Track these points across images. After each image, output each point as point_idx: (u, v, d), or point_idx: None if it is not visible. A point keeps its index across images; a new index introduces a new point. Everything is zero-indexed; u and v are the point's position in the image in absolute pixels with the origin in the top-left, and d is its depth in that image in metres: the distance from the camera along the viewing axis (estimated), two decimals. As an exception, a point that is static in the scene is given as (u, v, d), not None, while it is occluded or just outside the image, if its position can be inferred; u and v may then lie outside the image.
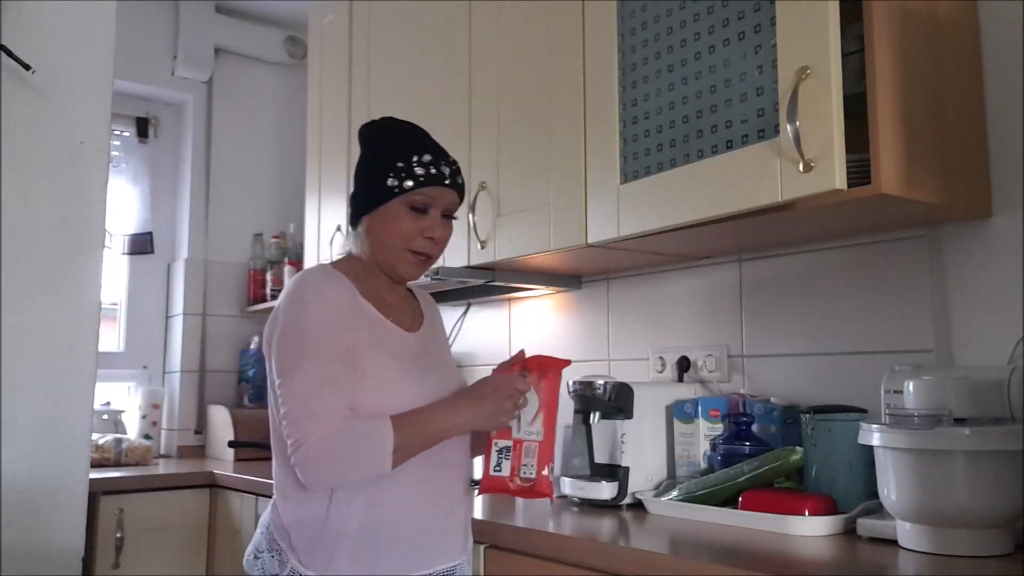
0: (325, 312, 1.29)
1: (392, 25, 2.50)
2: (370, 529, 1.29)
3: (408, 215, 1.35)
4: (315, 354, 1.27)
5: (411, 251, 1.37)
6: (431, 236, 1.37)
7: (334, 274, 1.35)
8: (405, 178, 1.34)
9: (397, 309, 1.42)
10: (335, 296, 1.31)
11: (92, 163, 1.93)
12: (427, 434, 1.29)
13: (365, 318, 1.33)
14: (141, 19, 3.20)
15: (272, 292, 3.23)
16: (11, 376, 1.80)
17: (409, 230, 1.36)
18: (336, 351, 1.27)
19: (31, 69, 1.83)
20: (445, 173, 1.37)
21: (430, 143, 1.40)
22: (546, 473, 1.34)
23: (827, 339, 1.78)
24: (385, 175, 1.35)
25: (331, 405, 1.25)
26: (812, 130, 1.31)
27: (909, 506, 1.27)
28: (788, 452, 1.58)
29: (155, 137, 3.37)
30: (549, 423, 1.36)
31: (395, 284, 1.44)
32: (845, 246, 1.76)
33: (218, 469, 2.66)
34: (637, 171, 1.66)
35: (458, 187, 1.40)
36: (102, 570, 2.39)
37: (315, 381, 1.26)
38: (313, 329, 1.28)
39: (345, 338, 1.29)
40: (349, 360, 1.28)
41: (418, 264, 1.39)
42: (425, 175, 1.35)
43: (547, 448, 1.35)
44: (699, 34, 1.54)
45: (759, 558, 1.29)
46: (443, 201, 1.38)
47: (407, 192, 1.34)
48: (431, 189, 1.35)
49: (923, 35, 1.46)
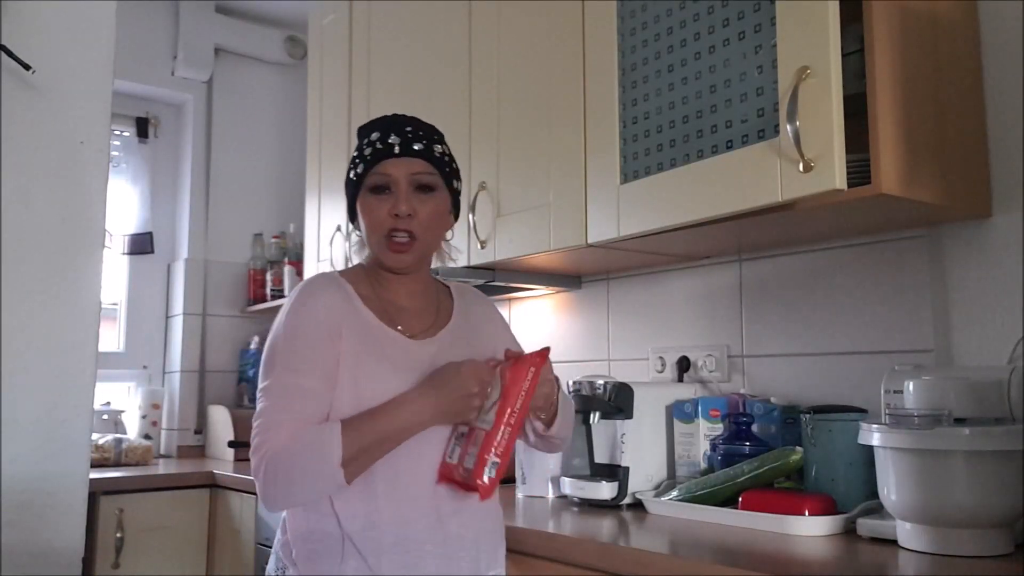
0: (308, 322, 1.24)
1: (392, 25, 2.50)
2: (371, 539, 1.21)
3: (372, 201, 1.28)
4: (287, 365, 1.22)
5: (388, 237, 1.28)
6: (396, 213, 1.26)
7: (334, 281, 1.30)
8: (358, 164, 1.29)
9: (412, 314, 1.34)
10: (324, 305, 1.25)
11: (92, 163, 1.93)
12: (383, 434, 1.18)
13: (359, 326, 1.27)
14: (141, 19, 3.20)
15: (272, 292, 3.23)
16: (11, 376, 1.80)
17: (377, 215, 1.28)
18: (313, 362, 1.21)
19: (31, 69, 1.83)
20: (393, 144, 1.27)
21: (387, 122, 1.31)
22: (488, 468, 1.21)
23: (827, 339, 1.78)
24: (349, 169, 1.32)
25: (292, 417, 1.18)
26: (812, 130, 1.31)
27: (909, 506, 1.27)
28: (788, 452, 1.58)
29: (155, 137, 3.37)
30: (502, 412, 1.24)
31: (417, 285, 1.36)
32: (845, 246, 1.76)
33: (218, 469, 2.66)
34: (637, 171, 1.66)
35: (416, 153, 1.28)
36: (102, 570, 2.39)
37: (280, 393, 1.20)
38: (290, 340, 1.24)
39: (328, 349, 1.23)
40: (331, 372, 1.22)
41: (399, 248, 1.29)
42: (372, 152, 1.27)
43: (492, 439, 1.22)
44: (699, 34, 1.54)
45: (759, 558, 1.28)
46: (403, 173, 1.27)
47: (363, 177, 1.28)
48: (382, 165, 1.27)
49: (923, 35, 1.46)
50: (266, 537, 2.36)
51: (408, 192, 1.28)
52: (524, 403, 1.26)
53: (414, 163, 1.28)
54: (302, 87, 3.09)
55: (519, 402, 1.25)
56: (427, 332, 1.33)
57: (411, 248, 1.29)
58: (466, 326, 1.38)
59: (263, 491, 1.18)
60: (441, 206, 1.32)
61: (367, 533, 1.21)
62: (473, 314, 1.41)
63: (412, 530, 1.22)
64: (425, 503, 1.24)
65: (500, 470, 1.22)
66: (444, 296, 1.42)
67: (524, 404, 1.26)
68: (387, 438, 1.19)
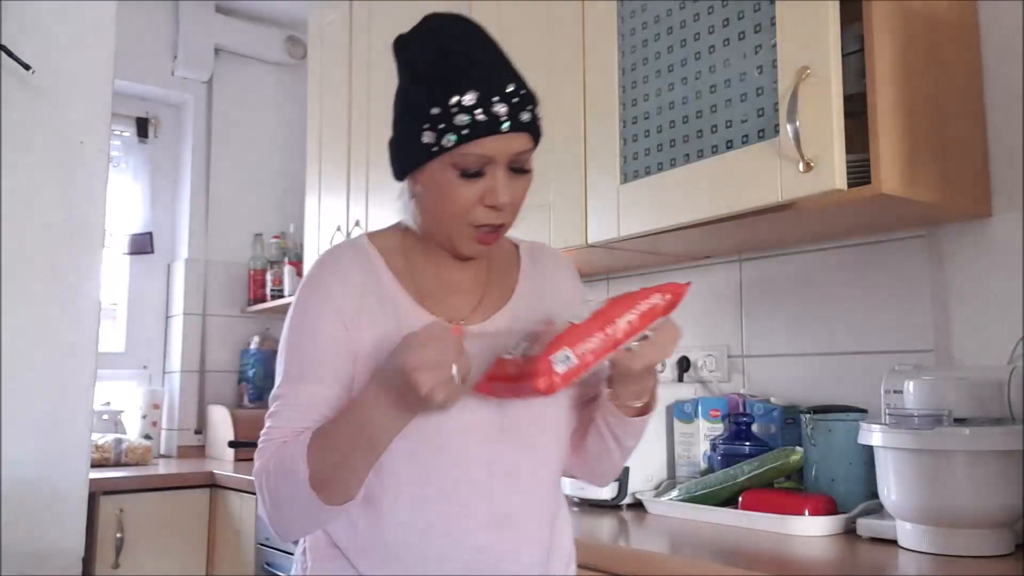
0: (316, 311, 1.02)
1: (392, 25, 2.49)
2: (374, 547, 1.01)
3: (457, 182, 0.98)
4: (290, 367, 1.02)
5: (471, 225, 1.01)
6: (495, 205, 0.99)
7: (359, 252, 1.06)
8: (444, 131, 0.96)
9: (460, 290, 1.08)
10: (339, 286, 1.02)
11: (92, 163, 1.93)
12: (349, 442, 0.93)
13: (387, 312, 1.03)
14: (141, 19, 3.20)
15: (272, 292, 3.22)
16: (11, 376, 1.80)
17: (463, 200, 0.99)
18: (319, 363, 1.01)
19: (31, 69, 1.83)
20: (500, 114, 0.96)
21: (479, 70, 0.99)
22: (558, 357, 0.90)
23: (827, 339, 1.78)
24: (419, 128, 0.98)
25: (287, 434, 0.98)
26: (812, 130, 1.31)
27: (909, 506, 1.27)
28: (788, 452, 1.58)
29: (155, 137, 3.37)
30: (598, 317, 0.92)
31: (472, 260, 1.09)
32: (845, 246, 1.76)
33: (218, 469, 2.66)
34: (637, 171, 1.66)
35: (524, 125, 0.99)
36: (102, 570, 2.39)
37: (281, 403, 1.01)
38: (296, 334, 1.03)
39: (340, 344, 1.01)
40: (344, 372, 1.01)
41: (486, 240, 1.02)
42: (471, 124, 0.96)
43: (575, 333, 0.91)
44: (699, 34, 1.54)
45: (759, 558, 1.29)
46: (503, 154, 0.98)
47: (448, 151, 0.97)
48: (480, 143, 0.97)
49: (923, 35, 1.46)
50: (266, 537, 2.36)
51: (506, 176, 0.99)
52: (636, 322, 0.92)
53: (517, 140, 0.99)
54: (302, 87, 3.10)
55: (628, 316, 0.92)
56: (478, 315, 1.07)
57: (496, 236, 1.04)
58: (535, 303, 1.10)
59: (268, 522, 1.01)
60: (529, 182, 1.04)
61: (366, 543, 1.01)
62: (547, 288, 1.13)
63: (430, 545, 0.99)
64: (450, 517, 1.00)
65: (573, 373, 0.90)
66: (505, 261, 1.14)
67: (634, 324, 0.92)
68: (355, 447, 0.93)
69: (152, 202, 3.34)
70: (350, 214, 2.63)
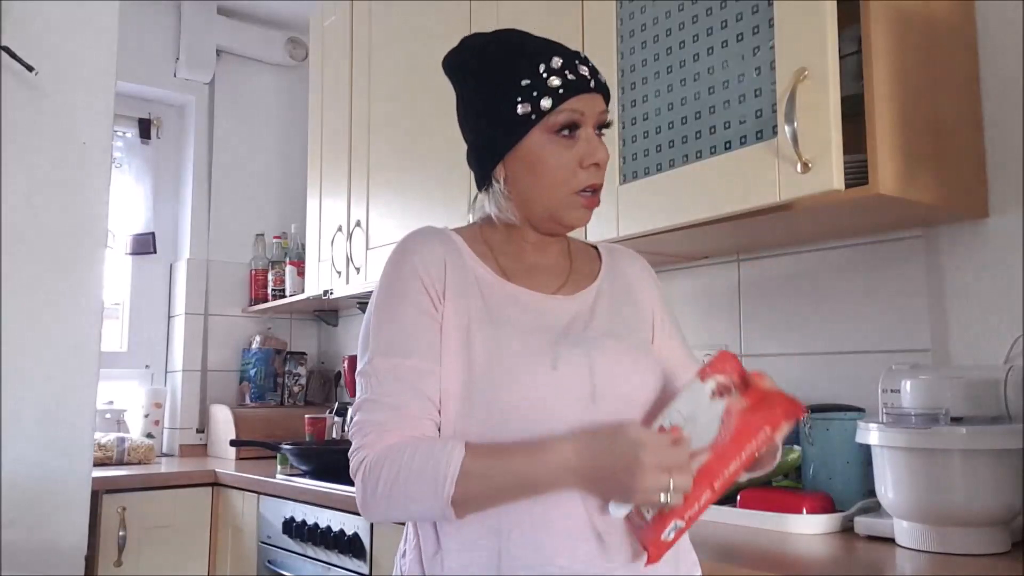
0: (400, 286, 1.03)
1: (392, 26, 2.51)
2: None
3: (556, 144, 1.03)
4: (380, 344, 1.01)
5: (576, 191, 1.04)
6: (596, 162, 1.03)
7: (439, 234, 1.08)
8: (539, 97, 1.01)
9: (543, 271, 1.10)
10: (421, 262, 1.03)
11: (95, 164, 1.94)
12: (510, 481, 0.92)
13: (469, 282, 1.04)
14: (143, 21, 3.21)
15: (273, 292, 3.24)
16: (14, 375, 1.81)
17: (564, 165, 1.03)
18: (410, 337, 1.00)
19: (34, 70, 1.84)
20: (585, 74, 1.04)
21: (551, 44, 1.07)
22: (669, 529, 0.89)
23: (825, 338, 1.79)
24: (513, 102, 1.02)
25: (395, 414, 0.98)
26: (810, 131, 1.32)
27: (906, 504, 1.28)
28: (786, 451, 1.59)
29: (157, 138, 3.38)
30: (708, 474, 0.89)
31: (553, 245, 1.12)
32: (843, 246, 1.77)
33: (220, 468, 2.67)
34: (636, 172, 1.67)
35: (603, 87, 1.06)
36: (105, 568, 2.40)
37: (378, 382, 0.99)
38: (382, 312, 1.03)
39: (427, 316, 1.01)
40: (434, 344, 1.00)
41: (588, 202, 1.05)
42: (564, 84, 1.01)
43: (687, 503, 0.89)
44: (698, 36, 1.54)
45: (757, 556, 1.29)
46: (593, 112, 1.04)
47: (547, 114, 1.01)
48: (575, 100, 1.02)
49: (921, 36, 1.47)
50: (268, 535, 2.37)
51: (594, 135, 1.05)
52: (740, 467, 0.90)
53: (599, 100, 1.06)
54: (303, 88, 3.10)
55: (734, 466, 0.90)
56: (560, 289, 1.09)
57: (597, 202, 1.07)
58: (618, 287, 1.13)
59: (361, 500, 0.99)
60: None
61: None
62: (625, 275, 1.16)
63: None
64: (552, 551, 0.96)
65: (681, 533, 0.91)
66: (586, 255, 1.18)
67: (739, 469, 0.90)
68: (514, 486, 0.92)
69: (154, 202, 3.35)
70: (351, 214, 2.64)
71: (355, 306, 3.10)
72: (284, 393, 3.32)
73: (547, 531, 0.95)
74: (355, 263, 2.59)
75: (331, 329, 3.51)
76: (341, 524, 2.06)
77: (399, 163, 2.44)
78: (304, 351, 3.42)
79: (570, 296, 1.08)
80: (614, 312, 1.10)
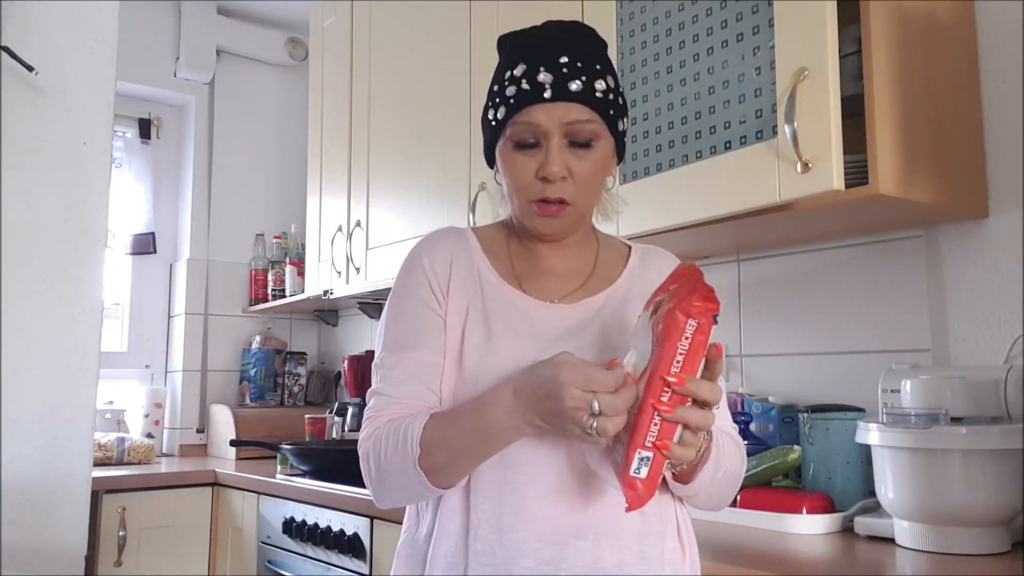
0: (410, 283, 1.06)
1: (392, 26, 2.51)
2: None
3: (516, 156, 1.01)
4: (388, 339, 1.06)
5: (532, 200, 1.02)
6: (546, 176, 0.99)
7: (455, 235, 1.10)
8: (498, 106, 1.01)
9: (556, 277, 1.08)
10: (430, 261, 1.06)
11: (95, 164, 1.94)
12: (463, 438, 0.94)
13: (473, 285, 1.05)
14: (143, 20, 3.21)
15: (273, 292, 3.24)
16: (14, 375, 1.81)
17: (520, 174, 1.01)
18: (416, 331, 1.03)
19: (33, 70, 1.84)
20: (544, 83, 0.98)
21: (537, 44, 1.02)
22: (636, 464, 0.86)
23: (825, 338, 1.79)
24: (485, 109, 1.05)
25: (393, 402, 1.01)
26: (810, 131, 1.32)
27: (906, 504, 1.28)
28: (786, 451, 1.59)
29: (157, 138, 3.38)
30: (649, 389, 0.86)
31: (570, 248, 1.10)
32: (843, 246, 1.77)
33: (220, 468, 2.67)
34: (636, 172, 1.67)
35: (572, 96, 0.98)
36: (105, 568, 2.40)
37: (385, 374, 1.04)
38: (393, 307, 1.08)
39: (431, 312, 1.04)
40: (439, 339, 1.03)
41: (548, 212, 1.01)
42: (516, 95, 0.99)
43: (638, 427, 0.86)
44: (698, 36, 1.55)
45: (757, 556, 1.29)
46: (555, 124, 0.98)
47: (504, 126, 1.01)
48: (527, 112, 0.98)
49: (921, 36, 1.47)
50: (267, 535, 2.37)
51: (561, 148, 0.99)
52: (682, 372, 0.85)
53: (570, 109, 0.98)
54: (303, 88, 3.10)
55: (674, 371, 0.85)
56: (567, 296, 1.07)
57: (564, 212, 1.02)
58: (637, 290, 1.08)
59: (367, 486, 1.03)
60: (601, 159, 1.02)
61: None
62: (650, 278, 1.07)
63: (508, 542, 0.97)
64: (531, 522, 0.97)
65: (656, 466, 0.86)
66: (615, 257, 1.14)
67: (681, 378, 0.85)
68: (473, 443, 0.94)
69: (154, 202, 3.35)
70: (351, 214, 2.64)
71: (355, 306, 3.10)
72: (284, 393, 3.33)
73: (517, 495, 0.97)
74: (355, 263, 2.59)
75: (331, 329, 3.51)
76: (341, 524, 2.06)
77: (399, 163, 2.44)
78: (304, 351, 3.43)
79: (573, 304, 1.06)
80: (620, 320, 1.06)
